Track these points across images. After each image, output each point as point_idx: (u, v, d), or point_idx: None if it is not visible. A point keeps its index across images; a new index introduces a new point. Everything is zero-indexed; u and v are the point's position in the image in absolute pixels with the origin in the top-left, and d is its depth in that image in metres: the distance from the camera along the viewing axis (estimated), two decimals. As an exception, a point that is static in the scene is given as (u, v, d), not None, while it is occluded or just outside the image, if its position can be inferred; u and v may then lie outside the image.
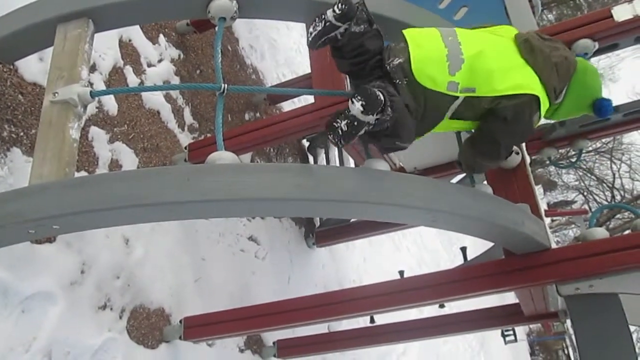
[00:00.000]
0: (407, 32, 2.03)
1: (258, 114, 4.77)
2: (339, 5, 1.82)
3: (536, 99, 1.98)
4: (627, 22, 2.58)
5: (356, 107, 1.65)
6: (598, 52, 2.72)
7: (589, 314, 2.33)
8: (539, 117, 2.04)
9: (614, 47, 2.79)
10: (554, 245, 2.40)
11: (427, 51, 1.94)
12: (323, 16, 1.85)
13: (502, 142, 2.10)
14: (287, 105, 5.16)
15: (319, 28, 1.85)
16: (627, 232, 2.64)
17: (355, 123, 1.67)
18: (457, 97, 1.95)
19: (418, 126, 1.95)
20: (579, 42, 2.62)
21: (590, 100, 2.13)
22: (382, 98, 1.69)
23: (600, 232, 2.34)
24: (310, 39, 1.89)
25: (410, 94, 1.89)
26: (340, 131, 1.69)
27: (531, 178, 2.65)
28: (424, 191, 1.80)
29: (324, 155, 5.29)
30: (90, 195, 1.59)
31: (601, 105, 2.11)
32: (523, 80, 1.98)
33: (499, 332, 13.23)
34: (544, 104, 2.02)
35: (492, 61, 1.97)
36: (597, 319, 2.31)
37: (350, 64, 1.99)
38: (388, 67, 1.91)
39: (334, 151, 5.26)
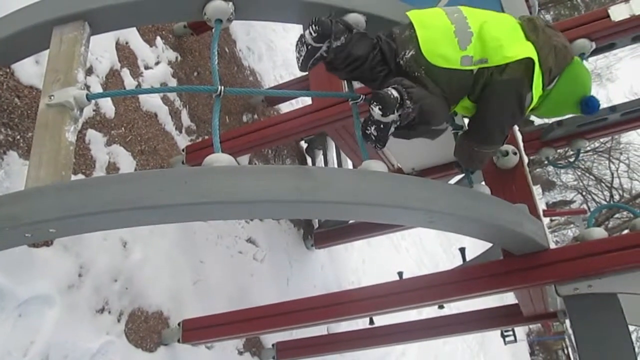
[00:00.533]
0: (411, 14, 2.03)
1: (256, 116, 4.77)
2: (313, 26, 1.86)
3: (530, 72, 1.95)
4: (624, 21, 2.58)
5: (375, 111, 1.76)
6: (595, 52, 2.73)
7: (588, 314, 2.32)
8: (532, 98, 2.01)
9: (611, 47, 2.80)
10: (552, 246, 2.40)
11: (434, 30, 1.95)
12: (303, 39, 1.89)
13: (496, 121, 2.07)
14: (285, 107, 5.15)
15: (303, 53, 1.91)
16: (625, 231, 2.63)
17: (382, 125, 1.79)
18: (473, 71, 1.95)
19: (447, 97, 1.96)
20: (577, 42, 2.62)
21: (578, 96, 2.10)
22: (396, 95, 1.75)
23: (599, 232, 2.34)
24: (298, 64, 1.95)
25: (432, 80, 1.91)
26: (373, 137, 1.82)
27: (529, 178, 2.65)
28: (421, 192, 1.79)
29: (322, 157, 5.28)
30: (87, 198, 1.59)
31: (589, 101, 2.08)
32: (526, 49, 1.97)
33: (498, 332, 13.23)
34: (537, 83, 1.99)
35: (498, 30, 1.98)
36: (596, 319, 2.30)
37: (347, 73, 2.01)
38: (402, 63, 1.93)
39: (332, 152, 5.26)
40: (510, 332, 13.42)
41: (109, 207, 1.58)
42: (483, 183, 2.52)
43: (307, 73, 3.62)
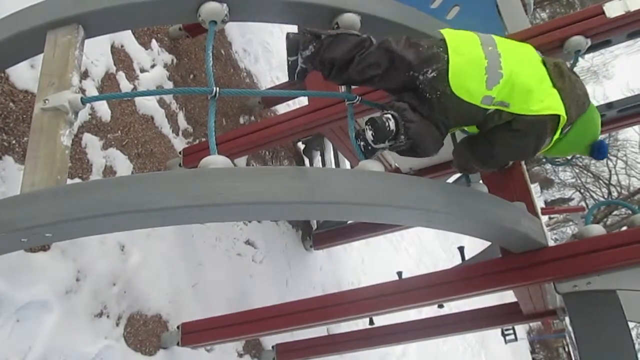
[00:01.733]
0: (446, 34, 1.95)
1: (253, 118, 4.76)
2: (285, 42, 1.97)
3: (556, 122, 1.93)
4: (619, 18, 2.58)
5: (368, 134, 1.82)
6: (591, 49, 2.72)
7: (587, 311, 2.32)
8: (548, 142, 2.00)
9: (606, 44, 2.79)
10: (551, 243, 2.40)
11: (467, 61, 1.87)
12: (289, 60, 2.01)
13: (506, 155, 2.08)
14: (282, 109, 5.15)
15: (286, 67, 2.02)
16: (624, 228, 2.63)
17: (370, 148, 1.85)
18: (488, 110, 1.91)
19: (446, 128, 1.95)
20: (572, 39, 2.62)
21: (589, 141, 2.10)
22: (392, 128, 1.77)
23: (597, 229, 2.34)
24: (289, 78, 2.05)
25: (442, 106, 1.86)
26: (362, 148, 1.87)
27: (527, 176, 2.65)
28: (418, 191, 1.79)
29: (320, 158, 5.28)
30: (83, 202, 1.58)
31: (600, 147, 2.09)
32: (553, 102, 1.93)
33: (499, 331, 13.23)
34: (558, 131, 1.97)
35: (530, 80, 1.93)
36: (596, 316, 2.30)
37: (338, 79, 2.03)
38: (420, 79, 1.86)
39: (330, 153, 5.26)
40: (511, 331, 13.42)
41: (104, 211, 1.57)
42: (480, 181, 2.52)
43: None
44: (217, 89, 1.83)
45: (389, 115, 1.79)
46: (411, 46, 1.91)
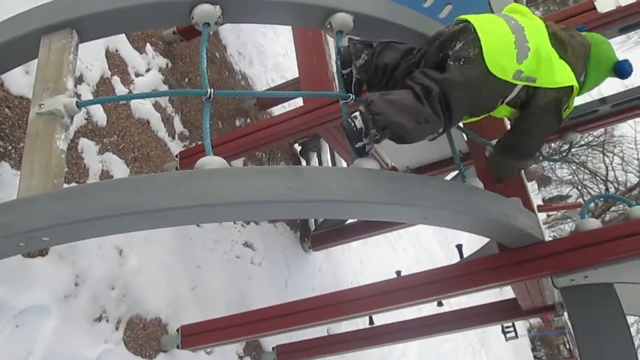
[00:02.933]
0: (467, 16, 1.96)
1: (249, 120, 4.77)
2: (337, 56, 2.01)
3: (569, 94, 2.00)
4: (610, 13, 2.60)
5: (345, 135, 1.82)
6: (583, 45, 2.73)
7: (585, 304, 2.33)
8: (569, 107, 2.07)
9: (598, 39, 2.80)
10: (548, 239, 2.41)
11: (496, 38, 1.88)
12: (342, 73, 2.04)
13: (539, 141, 2.13)
14: (278, 111, 5.16)
15: (341, 82, 2.04)
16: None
17: (351, 144, 1.83)
18: (517, 85, 1.92)
19: (474, 109, 1.96)
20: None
21: (608, 67, 2.13)
22: (360, 126, 1.75)
23: (593, 223, 2.35)
24: (345, 91, 2.05)
25: (464, 75, 1.83)
26: (353, 148, 1.84)
27: (522, 172, 2.65)
28: (414, 188, 1.79)
29: (317, 159, 5.29)
30: (79, 205, 1.59)
31: (621, 67, 2.11)
32: (564, 74, 1.98)
33: (499, 329, 13.27)
34: (574, 93, 2.03)
35: (552, 52, 1.97)
36: (593, 309, 2.31)
37: (384, 83, 2.03)
38: (449, 56, 1.86)
39: (327, 154, 5.27)
40: (511, 329, 13.47)
41: (101, 214, 1.58)
42: (476, 178, 2.53)
43: (298, 76, 3.66)
44: (212, 90, 1.83)
45: (356, 114, 1.78)
46: (435, 39, 1.95)
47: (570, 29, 2.17)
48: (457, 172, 3.66)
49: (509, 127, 2.20)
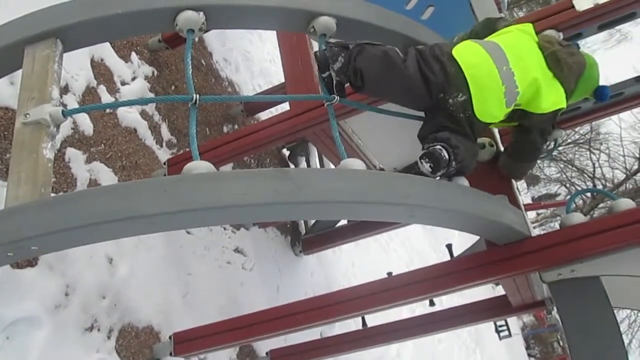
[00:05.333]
0: (459, 57, 2.07)
1: (236, 126, 4.78)
2: (315, 61, 2.07)
3: (558, 111, 2.24)
4: (588, 11, 2.65)
5: (425, 167, 1.95)
6: (563, 42, 2.78)
7: (572, 298, 2.36)
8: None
9: (578, 37, 2.86)
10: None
11: (487, 92, 2.07)
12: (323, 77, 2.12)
13: (538, 149, 2.41)
14: (265, 116, 5.17)
15: (323, 85, 2.12)
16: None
17: (428, 176, 1.97)
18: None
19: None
20: (544, 33, 2.67)
21: (592, 88, 2.38)
22: (446, 157, 1.94)
23: (578, 217, 2.38)
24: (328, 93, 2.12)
25: (468, 123, 2.06)
26: (427, 173, 1.98)
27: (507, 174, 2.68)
28: (400, 187, 1.82)
29: (305, 163, 5.30)
30: (67, 213, 1.59)
31: (602, 92, 2.38)
32: (556, 97, 2.21)
33: (493, 328, 13.31)
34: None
35: (537, 86, 2.16)
36: (581, 302, 2.34)
37: (375, 92, 2.26)
38: (450, 101, 2.03)
39: (315, 158, 5.28)
40: (505, 327, 13.50)
41: (89, 221, 1.58)
42: (462, 177, 2.56)
43: (284, 81, 3.68)
44: (197, 95, 1.85)
45: (439, 147, 1.95)
46: (440, 69, 2.04)
47: (571, 45, 2.34)
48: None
49: (512, 136, 2.45)
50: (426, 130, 2.11)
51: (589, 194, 19.97)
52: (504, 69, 2.09)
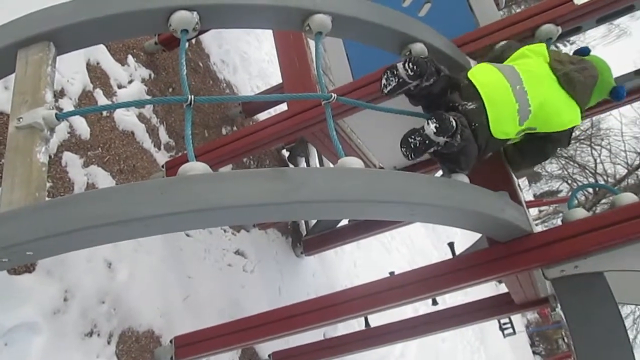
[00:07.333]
0: (478, 84, 2.16)
1: (235, 128, 4.76)
2: (410, 65, 2.03)
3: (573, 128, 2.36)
4: (586, 4, 2.63)
5: (430, 127, 1.94)
6: (562, 37, 2.76)
7: (576, 294, 2.33)
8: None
9: (577, 30, 2.84)
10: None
11: (502, 109, 2.14)
12: (395, 72, 2.07)
13: (550, 154, 2.51)
14: (264, 117, 5.15)
15: (393, 84, 2.09)
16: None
17: (427, 142, 1.96)
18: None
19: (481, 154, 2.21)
20: (542, 27, 2.66)
21: (608, 90, 2.43)
22: (454, 125, 1.94)
23: (580, 213, 2.35)
24: (385, 91, 2.12)
25: (480, 134, 2.10)
26: (412, 146, 1.98)
27: (507, 166, 2.66)
28: (399, 185, 1.79)
29: (305, 164, 5.28)
30: (62, 217, 1.57)
31: (618, 92, 2.43)
32: (570, 115, 2.29)
33: (497, 326, 13.26)
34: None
35: (550, 106, 2.24)
36: (585, 299, 2.31)
37: (416, 102, 2.25)
38: (460, 109, 2.10)
39: (315, 159, 5.26)
40: (509, 325, 13.45)
41: (85, 225, 1.56)
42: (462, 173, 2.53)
43: (281, 82, 3.65)
44: (192, 96, 1.83)
45: (450, 117, 1.96)
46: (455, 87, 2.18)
47: (582, 61, 2.39)
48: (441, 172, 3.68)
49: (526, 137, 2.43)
50: None
51: (591, 190, 19.96)
52: (517, 88, 2.18)
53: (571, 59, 2.39)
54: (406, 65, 2.04)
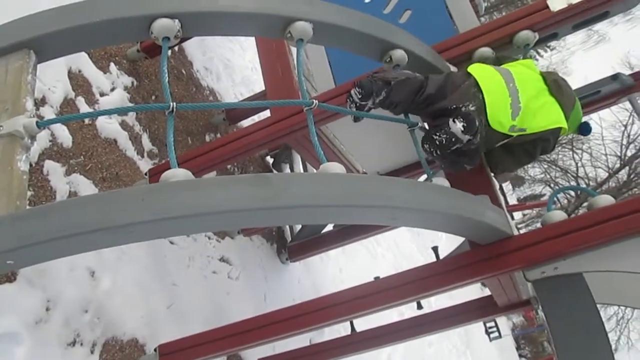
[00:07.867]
0: (476, 74, 2.33)
1: (219, 135, 4.76)
2: (357, 89, 2.22)
3: (561, 128, 2.39)
4: (562, 11, 2.68)
5: (457, 126, 2.11)
6: (539, 43, 2.82)
7: (556, 296, 2.37)
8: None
9: (553, 37, 2.89)
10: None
11: (497, 98, 2.27)
12: (351, 98, 2.25)
13: (534, 157, 2.57)
14: (248, 124, 5.15)
15: (353, 108, 2.25)
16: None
17: (453, 139, 2.14)
18: (511, 135, 2.32)
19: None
20: (520, 34, 2.71)
21: (576, 125, 2.55)
22: (477, 124, 2.12)
23: (559, 215, 2.40)
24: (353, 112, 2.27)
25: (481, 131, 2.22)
26: (437, 142, 2.16)
27: (488, 170, 2.70)
28: (381, 189, 1.81)
29: (289, 171, 5.29)
30: (43, 225, 1.56)
31: (585, 128, 2.58)
32: (558, 116, 2.38)
33: (483, 330, 13.35)
34: (563, 132, 2.45)
35: (537, 102, 2.35)
36: (565, 299, 2.35)
37: (394, 112, 2.34)
38: (464, 109, 2.20)
39: (299, 165, 5.28)
40: (495, 329, 13.57)
41: (66, 233, 1.55)
42: (443, 178, 2.56)
43: (264, 89, 3.67)
44: (174, 103, 1.83)
45: (474, 116, 2.14)
46: (454, 89, 2.28)
47: (565, 81, 2.53)
48: (425, 176, 3.71)
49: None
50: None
51: (572, 193, 20.18)
52: (510, 85, 2.32)
53: (560, 77, 2.54)
54: (355, 90, 2.21)
